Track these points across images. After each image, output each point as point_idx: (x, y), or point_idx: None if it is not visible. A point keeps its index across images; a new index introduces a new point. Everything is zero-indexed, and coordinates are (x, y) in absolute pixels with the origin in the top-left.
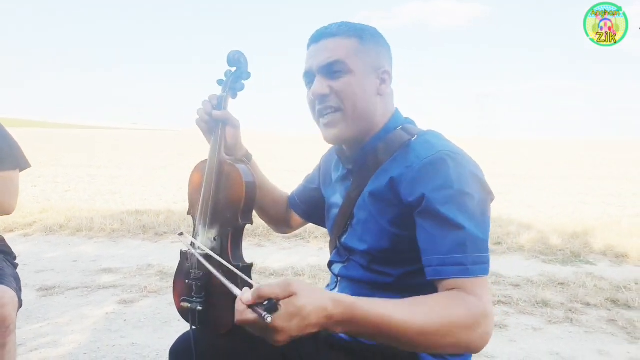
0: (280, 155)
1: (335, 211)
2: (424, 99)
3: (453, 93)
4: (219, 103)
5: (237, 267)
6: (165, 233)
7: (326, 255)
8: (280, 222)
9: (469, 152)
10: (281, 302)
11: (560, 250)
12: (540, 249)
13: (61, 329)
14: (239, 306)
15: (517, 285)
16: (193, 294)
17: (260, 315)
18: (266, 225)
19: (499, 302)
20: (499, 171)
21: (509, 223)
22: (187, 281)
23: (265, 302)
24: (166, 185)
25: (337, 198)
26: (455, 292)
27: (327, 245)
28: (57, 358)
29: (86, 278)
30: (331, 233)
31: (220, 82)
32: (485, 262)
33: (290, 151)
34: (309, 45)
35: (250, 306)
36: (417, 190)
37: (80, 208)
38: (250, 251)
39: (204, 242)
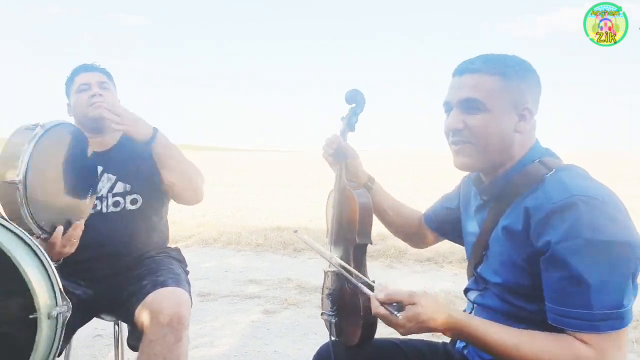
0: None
1: (471, 240)
2: (570, 111)
3: (602, 104)
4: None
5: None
6: (302, 249)
7: (461, 281)
8: (414, 238)
9: (616, 169)
10: (405, 307)
11: None
12: None
13: (216, 331)
14: (374, 302)
15: None
16: (329, 308)
17: (390, 312)
18: (397, 247)
19: None
20: None
21: None
22: (324, 296)
23: (394, 304)
24: (293, 203)
25: (473, 226)
26: (569, 337)
27: (462, 271)
28: (213, 357)
29: (235, 287)
30: (469, 261)
31: (342, 118)
32: (617, 318)
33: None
34: (453, 75)
35: (382, 304)
36: (544, 236)
37: (230, 224)
38: (381, 271)
39: None
